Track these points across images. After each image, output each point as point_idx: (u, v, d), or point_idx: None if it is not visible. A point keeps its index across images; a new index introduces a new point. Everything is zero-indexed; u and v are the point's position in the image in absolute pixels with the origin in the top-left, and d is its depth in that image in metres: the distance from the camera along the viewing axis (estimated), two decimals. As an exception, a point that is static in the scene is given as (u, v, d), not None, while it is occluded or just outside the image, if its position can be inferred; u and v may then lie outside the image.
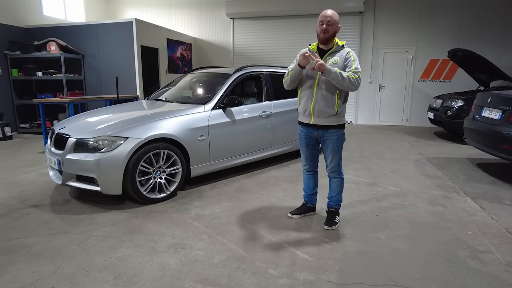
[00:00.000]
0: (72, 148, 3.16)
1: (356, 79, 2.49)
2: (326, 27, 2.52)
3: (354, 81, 2.49)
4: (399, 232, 2.74)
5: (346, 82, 2.48)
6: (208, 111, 3.76)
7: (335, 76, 2.45)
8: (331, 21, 2.51)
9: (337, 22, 2.54)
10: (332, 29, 2.53)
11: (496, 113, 4.13)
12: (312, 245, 2.51)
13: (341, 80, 2.46)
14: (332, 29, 2.53)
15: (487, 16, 8.07)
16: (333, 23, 2.51)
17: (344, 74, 2.46)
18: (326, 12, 2.54)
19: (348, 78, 2.46)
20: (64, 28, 7.54)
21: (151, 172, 3.27)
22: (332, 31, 2.54)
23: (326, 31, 2.53)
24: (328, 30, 2.52)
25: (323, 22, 2.53)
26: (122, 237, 2.63)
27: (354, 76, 2.48)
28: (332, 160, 2.75)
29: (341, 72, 2.45)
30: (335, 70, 2.45)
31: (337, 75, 2.45)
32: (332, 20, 2.51)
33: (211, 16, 9.89)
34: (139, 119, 3.35)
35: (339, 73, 2.45)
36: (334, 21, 2.52)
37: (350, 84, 2.49)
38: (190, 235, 2.66)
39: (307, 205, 3.05)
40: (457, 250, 2.46)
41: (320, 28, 2.56)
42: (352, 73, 2.49)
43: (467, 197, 3.55)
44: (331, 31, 2.54)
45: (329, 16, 2.51)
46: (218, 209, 3.20)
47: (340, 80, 2.47)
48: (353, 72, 2.50)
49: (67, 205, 3.29)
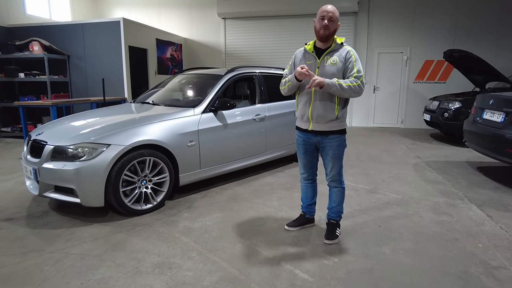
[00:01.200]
0: (49, 156, 2.89)
1: (358, 86, 2.29)
2: (328, 23, 2.30)
3: (356, 89, 2.29)
4: (404, 245, 2.54)
5: (348, 92, 2.30)
6: (198, 114, 3.53)
7: (336, 89, 2.28)
8: (333, 17, 2.30)
9: (337, 19, 2.34)
10: (333, 25, 2.33)
11: (499, 115, 3.98)
12: (312, 263, 2.29)
13: (342, 92, 2.29)
14: (333, 26, 2.32)
15: (482, 16, 7.99)
16: (334, 19, 2.31)
17: (345, 84, 2.27)
18: (327, 7, 2.33)
19: (349, 88, 2.28)
20: (48, 27, 7.22)
21: (136, 181, 3.02)
22: (333, 27, 2.33)
23: (327, 27, 2.32)
24: (329, 26, 2.31)
25: (324, 17, 2.31)
26: (102, 255, 2.38)
27: (355, 83, 2.29)
28: (332, 168, 2.54)
29: (341, 83, 2.27)
30: (334, 83, 2.27)
31: (338, 88, 2.27)
32: (334, 16, 2.31)
33: (202, 16, 9.64)
34: (122, 124, 3.10)
35: (339, 85, 2.27)
36: (335, 18, 2.32)
37: (353, 93, 2.31)
38: (178, 253, 2.42)
39: (305, 216, 2.83)
40: (469, 266, 2.27)
41: (320, 24, 2.34)
42: (353, 78, 2.30)
43: (472, 204, 3.37)
44: (332, 28, 2.33)
45: (331, 12, 2.30)
46: (209, 221, 2.97)
47: (342, 92, 2.30)
48: (355, 77, 2.30)
49: (45, 218, 3.03)
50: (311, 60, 2.43)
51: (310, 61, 2.43)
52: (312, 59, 2.43)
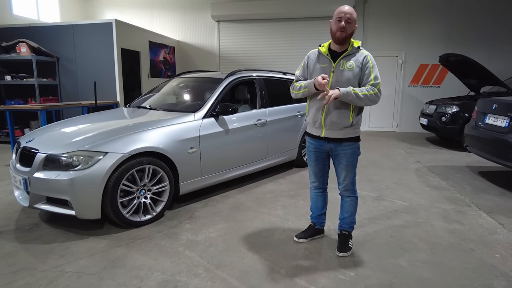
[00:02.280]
0: (41, 165, 2.69)
1: (375, 94, 2.19)
2: (345, 24, 2.18)
3: (373, 97, 2.19)
4: (420, 257, 2.43)
5: (364, 101, 2.20)
6: (199, 119, 3.37)
7: (352, 98, 2.19)
8: (350, 18, 2.18)
9: (355, 21, 2.22)
10: (351, 27, 2.21)
11: (503, 120, 3.94)
12: (327, 278, 2.16)
13: (359, 101, 2.20)
14: (350, 28, 2.20)
15: (476, 21, 8.05)
16: (352, 21, 2.19)
17: (361, 93, 2.17)
18: (344, 8, 2.21)
19: (366, 97, 2.18)
20: (36, 28, 6.95)
21: (135, 191, 2.85)
22: (350, 30, 2.21)
23: (344, 29, 2.19)
24: (347, 28, 2.19)
25: (341, 19, 2.19)
26: (101, 273, 2.20)
27: (373, 92, 2.18)
28: (346, 177, 2.42)
29: (357, 92, 2.17)
30: (350, 92, 2.16)
31: (354, 97, 2.18)
32: (352, 18, 2.19)
33: (195, 18, 9.49)
34: (120, 131, 2.92)
35: (355, 94, 2.17)
36: (353, 19, 2.20)
37: (369, 101, 2.21)
38: (183, 269, 2.25)
39: (314, 227, 2.70)
40: (490, 279, 2.17)
41: (337, 26, 2.21)
42: (370, 86, 2.19)
43: (481, 211, 3.30)
44: (349, 30, 2.21)
45: (349, 13, 2.18)
46: (212, 233, 2.81)
47: (358, 101, 2.20)
48: (372, 85, 2.20)
49: (36, 231, 2.82)
50: (325, 64, 2.31)
51: (325, 64, 2.31)
52: (327, 62, 2.31)
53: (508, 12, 7.88)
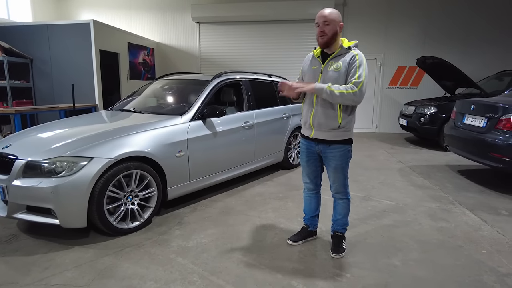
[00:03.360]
0: (21, 172, 2.54)
1: (354, 93, 2.13)
2: (322, 28, 2.19)
3: (350, 96, 2.13)
4: (412, 256, 2.47)
5: (339, 99, 2.16)
6: (187, 122, 3.30)
7: (326, 96, 2.16)
8: (326, 20, 2.18)
9: (335, 21, 2.20)
10: (330, 29, 2.20)
11: (481, 120, 4.10)
12: (324, 280, 2.15)
13: (332, 98, 2.16)
14: (330, 29, 2.20)
15: (450, 26, 8.37)
16: (330, 22, 2.18)
17: (337, 91, 2.13)
18: (322, 11, 2.22)
19: (341, 95, 2.13)
20: (7, 28, 6.63)
21: (122, 197, 2.74)
22: (331, 31, 2.20)
23: (323, 33, 2.20)
24: (325, 31, 2.19)
25: (318, 24, 2.21)
26: (90, 285, 2.09)
27: (351, 90, 2.12)
28: (335, 180, 2.42)
29: (332, 90, 2.13)
30: (324, 88, 2.14)
31: (328, 94, 2.15)
32: (328, 19, 2.18)
33: (175, 20, 9.34)
34: (105, 135, 2.80)
35: (330, 92, 2.13)
36: (330, 20, 2.18)
37: (345, 100, 2.16)
38: (177, 277, 2.18)
39: (307, 229, 2.69)
40: (480, 274, 2.23)
41: (317, 31, 2.23)
42: (351, 85, 2.15)
43: (464, 209, 3.40)
44: (329, 32, 2.20)
45: (324, 16, 2.18)
46: (204, 238, 2.74)
47: (333, 99, 2.17)
48: (354, 83, 2.14)
49: (14, 243, 2.66)
50: (316, 65, 2.32)
51: (315, 66, 2.31)
52: (317, 64, 2.31)
53: (477, 21, 8.25)
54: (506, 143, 3.66)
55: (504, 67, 7.84)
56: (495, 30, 8.25)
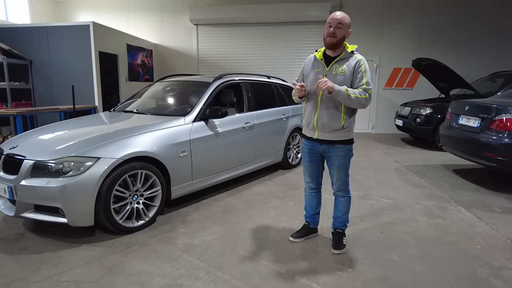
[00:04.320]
0: (29, 172, 2.60)
1: (366, 99, 2.26)
2: (334, 30, 2.27)
3: (363, 101, 2.26)
4: (410, 251, 2.56)
5: (354, 103, 2.26)
6: (189, 123, 3.37)
7: (343, 98, 2.24)
8: (340, 23, 2.27)
9: (347, 26, 2.31)
10: (341, 33, 2.29)
11: (475, 121, 4.21)
12: (326, 274, 2.23)
13: (348, 102, 2.26)
14: (340, 33, 2.29)
15: (444, 28, 8.53)
16: (342, 26, 2.28)
17: (353, 94, 2.22)
18: (335, 14, 2.30)
19: (356, 100, 2.24)
20: (6, 30, 6.65)
21: (127, 196, 2.81)
22: (341, 35, 2.30)
23: (333, 35, 2.29)
24: (336, 33, 2.28)
25: (331, 25, 2.28)
26: (100, 281, 2.16)
27: (364, 96, 2.25)
28: (338, 178, 2.51)
29: (349, 93, 2.22)
30: (342, 91, 2.22)
31: (345, 97, 2.23)
32: (342, 23, 2.27)
33: (173, 21, 9.41)
34: (111, 135, 2.87)
35: (347, 95, 2.22)
36: (344, 24, 2.28)
37: (359, 104, 2.27)
38: (184, 273, 2.25)
39: (309, 226, 2.78)
40: (475, 268, 2.33)
41: (326, 32, 2.31)
42: (362, 90, 2.26)
43: (459, 206, 3.51)
44: (339, 35, 2.30)
45: (339, 19, 2.27)
46: (208, 236, 2.82)
47: (348, 102, 2.26)
48: (364, 89, 2.26)
49: (22, 241, 2.71)
50: (319, 68, 2.39)
51: (319, 68, 2.39)
52: (321, 66, 2.39)
53: (471, 22, 8.41)
54: (499, 142, 3.77)
55: (498, 68, 8.01)
56: (489, 31, 8.41)
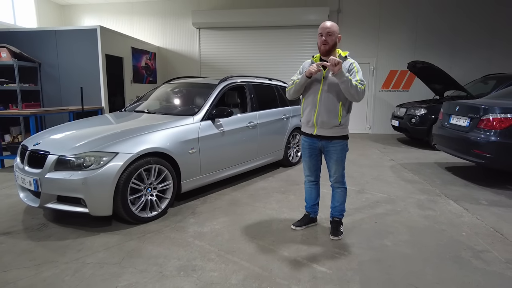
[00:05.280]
0: (53, 166, 2.84)
1: (362, 90, 2.52)
2: (326, 38, 2.55)
3: (360, 91, 2.51)
4: (401, 238, 2.81)
5: (353, 90, 2.48)
6: (198, 122, 3.62)
7: (346, 80, 2.45)
8: (329, 31, 2.54)
9: (336, 32, 2.57)
10: (332, 39, 2.56)
11: (465, 120, 4.48)
12: (325, 257, 2.48)
13: (349, 86, 2.47)
14: (331, 40, 2.56)
15: (439, 31, 8.82)
16: (332, 33, 2.54)
17: (354, 82, 2.48)
18: (325, 23, 2.58)
19: (356, 88, 2.48)
20: (17, 33, 6.89)
21: (142, 189, 3.05)
22: (332, 41, 2.57)
23: (326, 42, 2.56)
24: (328, 41, 2.55)
25: (322, 34, 2.56)
26: (121, 263, 2.40)
27: (360, 87, 2.52)
28: (336, 171, 2.76)
29: (351, 79, 2.47)
30: (347, 75, 2.47)
31: (348, 81, 2.46)
32: (331, 31, 2.54)
33: (175, 25, 9.67)
34: (127, 133, 3.11)
35: (350, 80, 2.46)
36: (332, 31, 2.55)
37: (356, 93, 2.50)
38: (197, 256, 2.50)
39: (309, 216, 3.03)
40: (459, 251, 2.58)
41: (320, 40, 2.59)
42: (358, 83, 2.53)
43: (449, 200, 3.77)
44: (331, 42, 2.56)
45: (327, 27, 2.54)
46: (216, 225, 3.06)
47: (349, 87, 2.47)
48: (359, 82, 2.53)
49: (45, 230, 2.95)
50: (317, 70, 2.65)
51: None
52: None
53: (465, 26, 8.70)
54: (487, 140, 4.03)
55: (492, 70, 8.31)
56: (484, 34, 8.69)
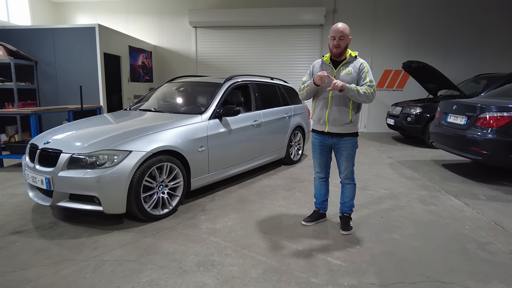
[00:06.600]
0: (66, 164, 2.84)
1: (371, 93, 2.61)
2: (338, 42, 2.62)
3: (370, 96, 2.61)
4: (409, 232, 2.92)
5: (362, 98, 2.60)
6: (206, 121, 3.66)
7: (353, 93, 2.57)
8: (342, 35, 2.61)
9: (348, 35, 2.64)
10: (344, 42, 2.63)
11: (462, 119, 4.62)
12: (338, 250, 2.56)
13: (358, 97, 2.59)
14: (344, 43, 2.63)
15: (431, 31, 9.02)
16: (344, 37, 2.61)
17: (361, 90, 2.57)
18: (337, 26, 2.63)
19: (364, 94, 2.59)
20: (13, 31, 6.79)
21: (154, 187, 3.08)
22: (344, 44, 2.64)
23: (338, 46, 2.63)
24: (340, 44, 2.63)
25: (335, 37, 2.62)
26: (140, 259, 2.43)
27: (369, 91, 2.60)
28: (346, 167, 2.85)
29: (358, 89, 2.56)
30: (353, 88, 2.56)
31: (355, 93, 2.57)
32: (344, 34, 2.61)
33: (172, 24, 9.65)
34: (139, 131, 3.14)
35: (357, 91, 2.56)
36: (345, 35, 2.62)
37: (366, 99, 2.62)
38: (214, 251, 2.55)
39: (319, 212, 3.10)
40: (465, 244, 2.69)
41: (332, 43, 2.65)
42: (367, 87, 2.61)
43: (449, 195, 3.90)
44: (343, 45, 2.64)
45: (341, 31, 2.61)
46: (228, 221, 3.11)
47: (358, 97, 2.59)
48: (368, 86, 2.62)
49: (57, 229, 2.95)
50: (328, 70, 2.72)
51: (328, 71, 2.72)
52: (329, 69, 2.73)
53: (457, 26, 8.92)
54: (484, 138, 4.18)
55: (484, 68, 8.53)
56: (475, 34, 8.92)
